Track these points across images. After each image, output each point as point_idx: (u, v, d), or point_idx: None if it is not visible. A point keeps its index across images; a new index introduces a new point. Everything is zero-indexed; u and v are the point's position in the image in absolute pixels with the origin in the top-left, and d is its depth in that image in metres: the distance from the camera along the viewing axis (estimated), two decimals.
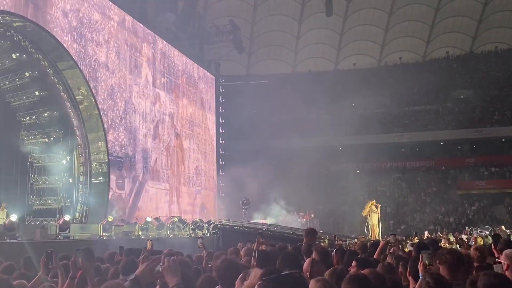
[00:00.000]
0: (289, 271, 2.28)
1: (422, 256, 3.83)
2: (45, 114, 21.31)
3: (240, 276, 3.18)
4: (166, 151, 27.03)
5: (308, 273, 4.40)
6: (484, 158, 42.19)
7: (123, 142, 23.23)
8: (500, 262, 4.24)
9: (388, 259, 5.71)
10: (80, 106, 20.92)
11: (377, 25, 50.71)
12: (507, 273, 4.01)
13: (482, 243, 11.05)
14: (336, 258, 5.68)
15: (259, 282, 1.96)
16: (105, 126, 21.56)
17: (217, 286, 3.71)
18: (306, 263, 4.62)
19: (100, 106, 21.40)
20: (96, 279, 4.46)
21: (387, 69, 50.56)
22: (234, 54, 41.17)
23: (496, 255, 5.81)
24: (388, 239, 6.89)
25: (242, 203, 29.61)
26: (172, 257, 3.16)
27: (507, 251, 4.51)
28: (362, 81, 46.28)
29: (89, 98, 20.97)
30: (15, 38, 18.75)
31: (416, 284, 3.80)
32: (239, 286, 3.17)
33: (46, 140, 21.54)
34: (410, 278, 4.29)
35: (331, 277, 3.74)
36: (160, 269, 3.07)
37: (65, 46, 19.71)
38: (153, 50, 26.85)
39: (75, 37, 20.50)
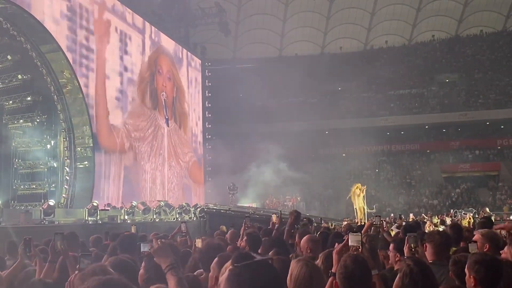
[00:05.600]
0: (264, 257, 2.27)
1: (407, 238, 3.86)
2: (29, 98, 21.04)
3: (215, 261, 3.15)
4: (154, 135, 26.88)
5: (307, 251, 4.43)
6: (468, 141, 42.68)
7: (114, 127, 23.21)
8: (475, 241, 4.29)
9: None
10: (64, 90, 20.61)
11: (364, 8, 50.58)
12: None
13: (468, 223, 11.20)
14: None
15: (230, 267, 1.94)
16: (90, 111, 21.33)
17: (199, 270, 3.71)
18: (304, 241, 4.64)
19: (86, 91, 21.19)
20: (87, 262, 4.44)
21: (373, 53, 50.62)
22: (220, 37, 40.85)
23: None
24: (373, 220, 6.94)
25: (229, 188, 29.68)
26: (162, 239, 3.17)
27: (481, 231, 4.56)
28: (348, 65, 46.29)
29: (73, 82, 20.67)
30: None
31: None
32: (214, 271, 3.14)
33: (30, 124, 21.30)
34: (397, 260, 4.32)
35: (325, 259, 3.73)
36: (150, 251, 3.08)
37: (48, 29, 19.36)
38: (142, 36, 26.62)
39: (60, 21, 20.16)
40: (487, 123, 42.51)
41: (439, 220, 19.12)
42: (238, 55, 50.84)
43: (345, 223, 17.14)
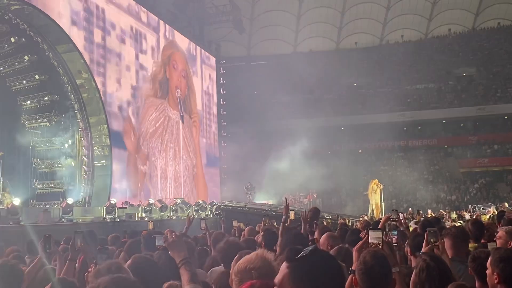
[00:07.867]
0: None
1: (427, 233, 3.80)
2: (46, 98, 21.27)
3: (235, 258, 3.14)
4: (170, 132, 26.96)
5: (328, 248, 4.42)
6: (486, 135, 42.08)
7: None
8: (495, 240, 4.22)
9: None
10: (81, 90, 20.84)
11: (379, 2, 50.15)
12: None
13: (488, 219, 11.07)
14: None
15: (286, 266, 1.75)
16: (107, 109, 21.49)
17: (220, 266, 3.72)
18: (324, 238, 4.64)
19: (103, 90, 21.36)
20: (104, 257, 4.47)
21: (389, 48, 50.21)
22: (234, 35, 40.88)
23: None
24: (390, 214, 6.88)
25: (246, 188, 29.68)
26: (176, 233, 3.18)
27: (506, 228, 4.48)
28: (363, 60, 45.98)
29: (90, 81, 20.87)
30: (13, 22, 18.60)
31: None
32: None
33: (48, 124, 21.54)
34: (412, 258, 4.27)
35: (336, 256, 3.72)
36: (165, 244, 3.09)
37: (64, 29, 19.54)
38: (157, 35, 26.75)
39: (77, 21, 20.34)
40: (505, 117, 41.84)
41: (457, 216, 18.90)
42: (252, 52, 50.80)
43: (362, 219, 17.05)
